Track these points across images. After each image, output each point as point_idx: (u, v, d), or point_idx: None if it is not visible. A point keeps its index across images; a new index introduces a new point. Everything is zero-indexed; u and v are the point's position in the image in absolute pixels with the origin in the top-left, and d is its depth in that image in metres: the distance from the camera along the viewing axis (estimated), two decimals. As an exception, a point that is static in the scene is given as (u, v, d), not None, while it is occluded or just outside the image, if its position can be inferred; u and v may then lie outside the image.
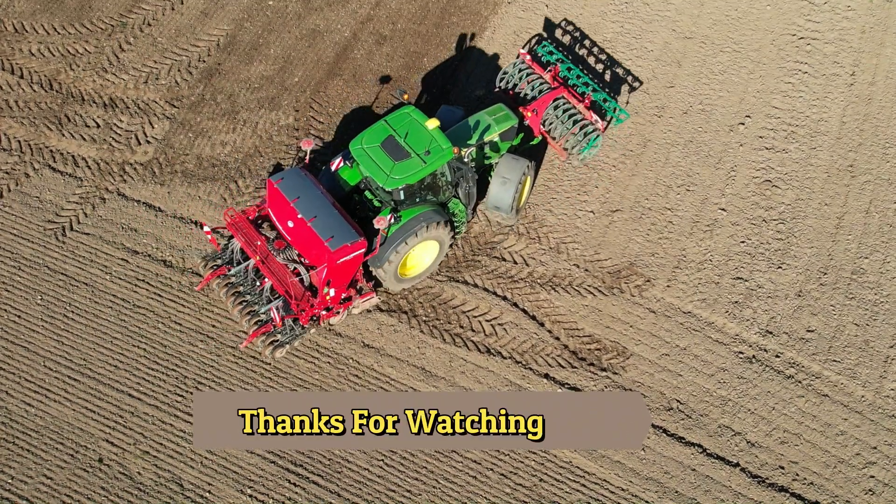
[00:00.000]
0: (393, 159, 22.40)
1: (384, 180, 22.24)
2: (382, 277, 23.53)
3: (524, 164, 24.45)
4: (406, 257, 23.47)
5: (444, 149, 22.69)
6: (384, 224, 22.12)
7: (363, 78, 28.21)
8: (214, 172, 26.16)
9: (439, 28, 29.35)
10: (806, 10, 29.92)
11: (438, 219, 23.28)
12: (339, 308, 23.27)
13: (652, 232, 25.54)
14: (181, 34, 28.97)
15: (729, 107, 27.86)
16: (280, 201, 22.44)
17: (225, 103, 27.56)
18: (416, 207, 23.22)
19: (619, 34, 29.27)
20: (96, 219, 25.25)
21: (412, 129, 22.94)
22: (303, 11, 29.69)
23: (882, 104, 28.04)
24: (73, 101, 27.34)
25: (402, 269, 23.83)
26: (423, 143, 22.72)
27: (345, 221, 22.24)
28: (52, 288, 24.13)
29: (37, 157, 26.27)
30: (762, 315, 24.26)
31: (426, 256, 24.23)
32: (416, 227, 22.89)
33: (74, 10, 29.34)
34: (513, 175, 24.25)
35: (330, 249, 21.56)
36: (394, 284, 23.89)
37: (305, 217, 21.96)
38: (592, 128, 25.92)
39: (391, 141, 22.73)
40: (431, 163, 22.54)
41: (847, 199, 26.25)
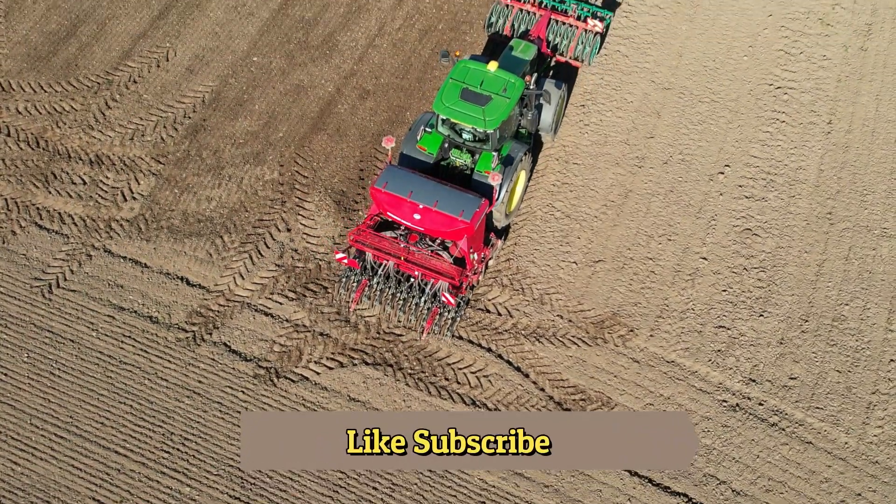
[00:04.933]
0: (479, 105, 24.43)
1: (483, 124, 24.28)
2: (497, 217, 25.74)
3: (563, 86, 27.68)
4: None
5: (515, 82, 24.97)
6: (498, 178, 24.32)
7: (347, 132, 28.53)
8: (200, 228, 26.37)
9: (422, 82, 29.73)
10: (782, 61, 30.41)
11: (525, 148, 25.82)
12: (480, 267, 25.08)
13: (634, 282, 25.78)
14: (167, 91, 29.28)
15: (708, 156, 28.23)
16: (395, 201, 23.86)
17: (210, 159, 27.82)
18: (504, 145, 25.49)
19: (598, 86, 29.69)
20: (83, 276, 25.40)
21: (479, 77, 25.00)
22: (287, 67, 30.06)
23: (859, 152, 28.44)
24: (60, 159, 27.56)
25: (509, 202, 26.02)
26: (496, 84, 24.86)
27: (459, 191, 24.02)
28: (39, 345, 24.22)
29: (23, 214, 26.45)
30: (745, 363, 24.46)
31: (519, 187, 26.58)
32: (514, 159, 25.26)
33: (61, 69, 29.65)
34: (552, 97, 26.91)
35: (466, 222, 23.28)
36: (504, 220, 26.00)
37: (429, 204, 23.53)
38: (590, 34, 29.12)
39: (468, 92, 24.69)
40: (513, 96, 24.74)
41: (826, 247, 26.56)
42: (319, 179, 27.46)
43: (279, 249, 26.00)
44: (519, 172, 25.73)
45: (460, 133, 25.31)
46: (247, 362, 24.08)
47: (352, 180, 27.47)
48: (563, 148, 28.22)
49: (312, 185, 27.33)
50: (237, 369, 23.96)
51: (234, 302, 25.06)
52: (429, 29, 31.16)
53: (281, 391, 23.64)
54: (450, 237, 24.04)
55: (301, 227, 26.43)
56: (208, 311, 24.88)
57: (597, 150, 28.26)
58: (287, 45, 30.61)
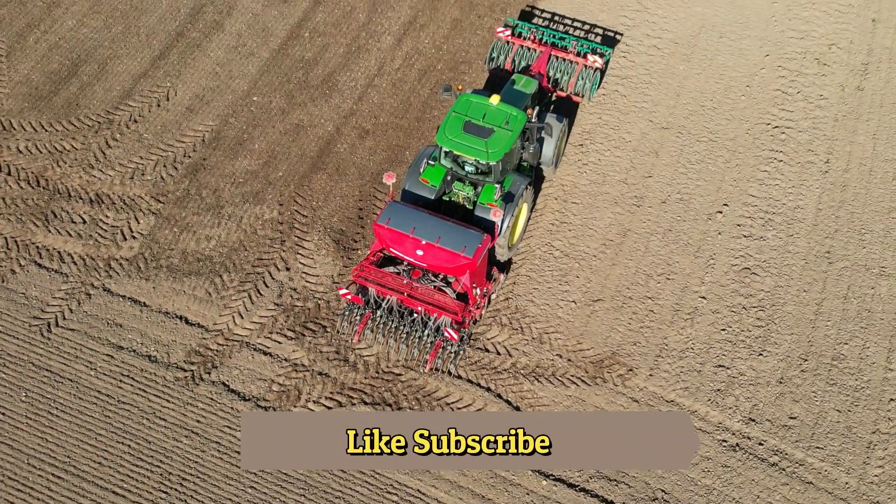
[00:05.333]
0: (482, 137, 24.82)
1: (486, 156, 24.61)
2: (500, 251, 25.91)
3: (563, 120, 27.83)
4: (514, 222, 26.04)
5: (517, 115, 25.42)
6: (500, 213, 24.37)
7: (346, 171, 28.64)
8: (199, 267, 26.40)
9: (421, 122, 29.88)
10: (780, 100, 30.59)
11: (527, 181, 26.08)
12: (482, 302, 25.12)
13: (633, 321, 25.78)
14: (167, 130, 29.43)
15: (706, 195, 28.32)
16: (398, 237, 24.05)
17: (210, 198, 27.90)
18: (506, 177, 25.77)
19: (596, 125, 29.84)
20: (81, 314, 25.39)
21: (482, 110, 25.47)
22: (287, 107, 30.22)
23: (857, 191, 28.54)
24: (60, 198, 27.64)
25: (511, 235, 26.23)
26: (498, 117, 25.32)
27: (461, 227, 24.21)
28: (37, 384, 24.18)
29: (23, 253, 26.49)
30: (744, 403, 24.41)
31: (521, 220, 26.78)
32: (515, 192, 25.48)
33: (62, 108, 29.81)
34: (553, 130, 26.95)
35: (469, 257, 23.47)
36: (506, 253, 26.21)
37: (431, 240, 23.73)
38: (591, 70, 29.54)
39: (471, 125, 25.11)
40: (515, 129, 25.14)
41: (825, 286, 26.58)
42: (319, 218, 27.53)
43: (278, 288, 26.02)
44: (521, 205, 25.91)
45: (463, 166, 25.55)
46: (245, 402, 24.02)
47: (351, 219, 27.55)
48: (561, 187, 28.32)
49: (312, 225, 27.40)
50: (236, 409, 23.90)
51: (232, 341, 25.04)
52: (428, 69, 31.36)
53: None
54: (452, 273, 24.15)
55: (300, 267, 26.47)
56: (207, 351, 24.86)
57: (595, 190, 28.36)
58: (287, 85, 30.80)
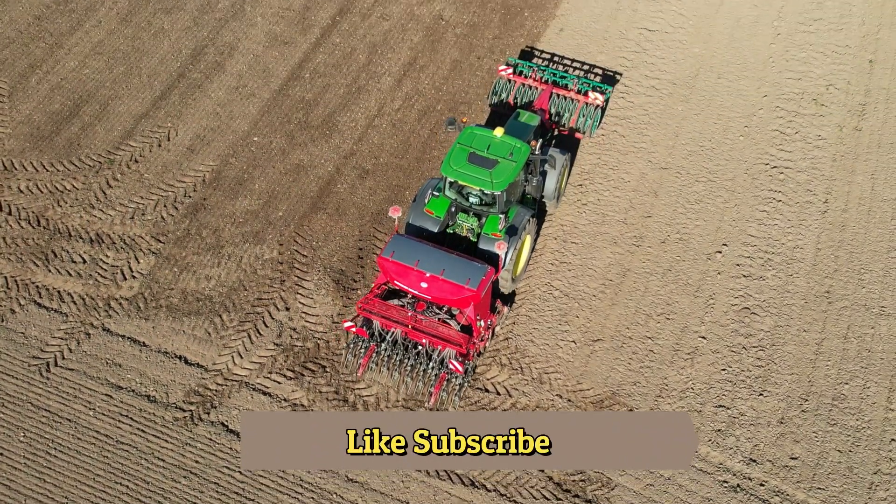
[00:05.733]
0: (486, 168, 25.07)
1: (490, 186, 24.86)
2: (504, 284, 26.09)
3: (566, 154, 28.01)
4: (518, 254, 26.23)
5: (521, 147, 25.69)
6: (504, 246, 24.37)
7: (346, 212, 28.71)
8: (199, 307, 26.40)
9: (421, 162, 30.00)
10: (778, 140, 30.73)
11: (530, 212, 26.30)
12: (487, 334, 25.18)
13: (633, 361, 25.74)
14: (168, 170, 29.53)
15: (706, 235, 28.38)
16: (403, 270, 24.14)
17: (210, 238, 27.95)
18: (510, 209, 26.05)
19: (596, 165, 29.96)
20: (81, 354, 25.36)
21: (486, 142, 25.76)
22: (287, 147, 30.36)
23: (856, 231, 28.60)
24: (60, 237, 27.70)
25: (515, 267, 26.28)
26: (502, 148, 25.61)
27: (465, 259, 24.31)
28: (35, 425, 24.10)
29: (23, 292, 26.50)
30: (745, 443, 24.32)
31: (524, 251, 26.90)
32: (519, 224, 25.69)
33: (63, 148, 29.94)
34: (556, 163, 27.23)
35: (473, 290, 23.50)
36: (510, 285, 26.44)
37: (435, 272, 23.77)
38: (591, 107, 29.80)
39: (475, 156, 25.37)
40: (519, 160, 25.39)
41: (825, 325, 26.57)
42: (318, 258, 27.57)
43: (278, 328, 26.00)
44: (524, 238, 26.08)
45: (467, 197, 25.80)
46: (244, 442, 23.95)
47: (351, 259, 27.59)
48: (561, 227, 28.38)
49: (311, 265, 27.43)
50: (235, 449, 23.80)
51: (232, 381, 24.99)
52: (428, 109, 31.54)
53: (279, 471, 23.44)
54: (457, 305, 24.26)
55: (300, 307, 26.47)
56: (206, 391, 24.80)
57: (595, 230, 28.42)
58: (287, 126, 30.96)
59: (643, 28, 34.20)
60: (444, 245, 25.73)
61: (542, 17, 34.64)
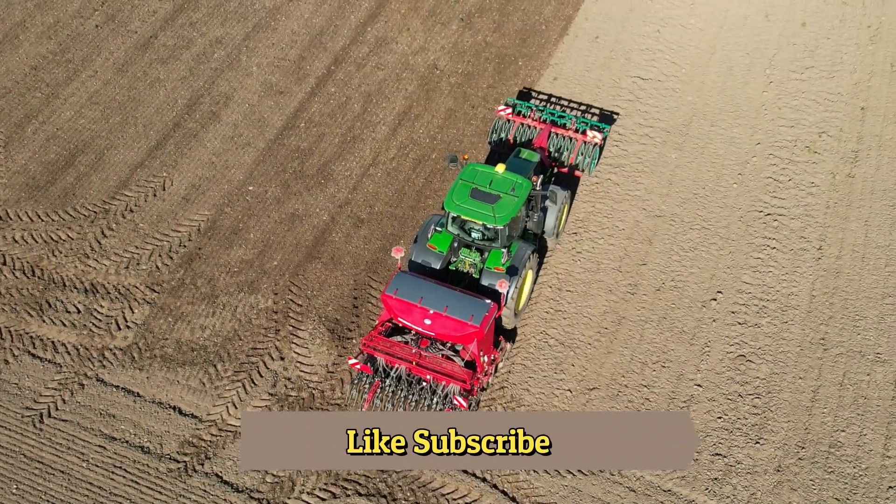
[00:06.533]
0: (489, 203, 25.45)
1: (493, 220, 25.25)
2: (507, 320, 26.28)
3: (566, 190, 28.42)
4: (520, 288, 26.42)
5: (522, 183, 26.10)
6: (505, 284, 24.60)
7: (341, 261, 28.74)
8: (193, 357, 26.33)
9: (415, 210, 30.08)
10: (771, 188, 30.86)
11: (531, 247, 26.59)
12: (490, 369, 25.41)
13: (629, 409, 25.65)
14: (163, 220, 29.58)
15: (700, 283, 28.41)
16: (406, 307, 24.45)
17: (205, 287, 27.95)
18: (512, 244, 26.44)
19: (590, 213, 30.05)
20: (74, 405, 25.26)
21: (488, 178, 26.18)
22: (282, 196, 30.44)
23: (850, 277, 28.64)
24: (55, 287, 27.68)
25: (517, 302, 26.47)
26: (504, 184, 26.00)
27: (468, 296, 24.60)
28: (28, 476, 23.95)
29: (17, 343, 26.44)
30: (742, 491, 24.19)
31: (526, 285, 27.06)
32: (520, 259, 26.02)
33: (58, 198, 30.00)
34: (557, 198, 27.77)
35: (476, 326, 23.75)
36: (513, 321, 26.63)
37: (439, 309, 24.04)
38: (590, 145, 30.22)
39: (477, 191, 25.76)
40: (520, 195, 25.79)
41: (821, 372, 26.53)
42: (313, 308, 27.55)
43: (273, 378, 25.93)
44: (526, 272, 26.22)
45: (469, 232, 26.12)
46: (238, 493, 23.77)
47: (346, 308, 27.57)
48: (555, 275, 28.42)
49: (306, 314, 27.41)
50: (229, 500, 23.64)
51: (226, 431, 24.87)
52: (422, 158, 31.68)
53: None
54: (460, 341, 24.40)
55: (295, 356, 26.41)
56: (200, 441, 24.68)
57: (589, 278, 28.45)
58: (282, 175, 31.06)
59: (636, 76, 34.47)
60: (447, 281, 25.98)
61: (536, 66, 34.91)
